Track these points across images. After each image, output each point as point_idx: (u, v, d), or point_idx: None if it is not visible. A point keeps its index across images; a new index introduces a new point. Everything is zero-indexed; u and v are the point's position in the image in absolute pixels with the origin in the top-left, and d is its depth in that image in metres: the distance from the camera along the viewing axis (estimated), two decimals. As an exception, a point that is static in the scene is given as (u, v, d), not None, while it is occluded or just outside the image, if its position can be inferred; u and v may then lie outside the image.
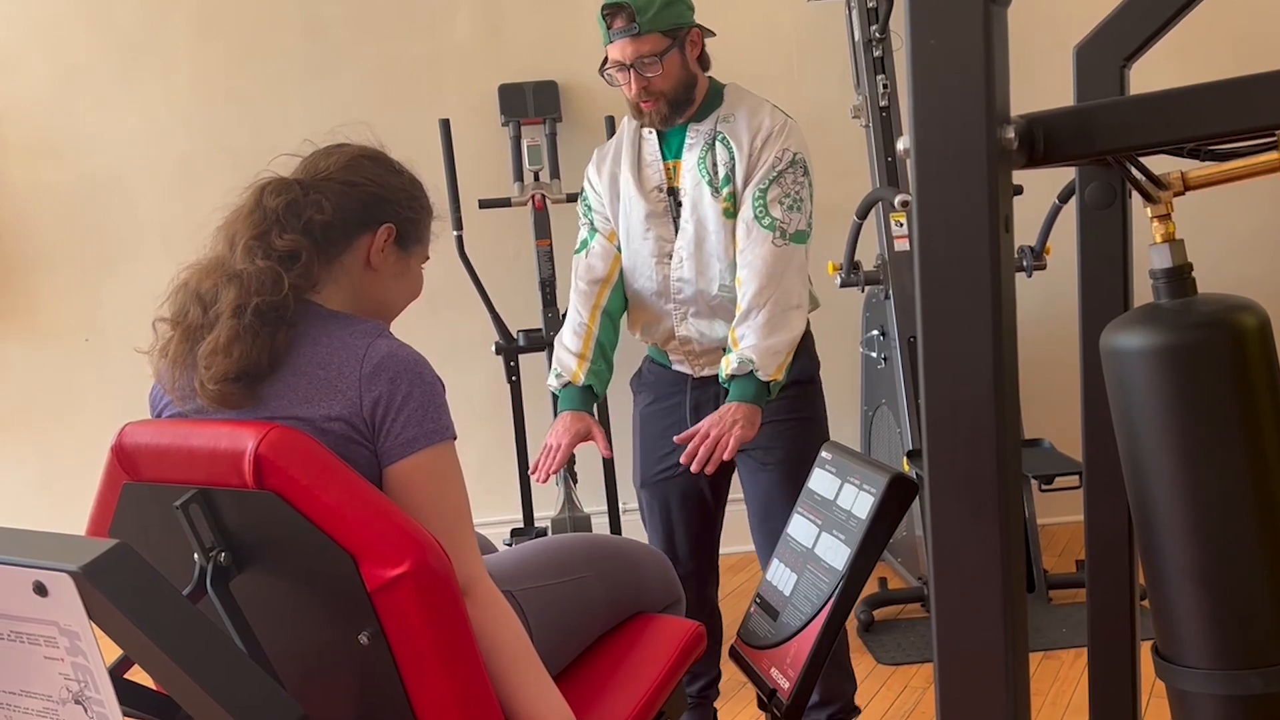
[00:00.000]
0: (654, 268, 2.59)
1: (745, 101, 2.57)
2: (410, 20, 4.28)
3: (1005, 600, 1.10)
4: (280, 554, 1.55)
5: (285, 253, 1.63)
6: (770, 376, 2.45)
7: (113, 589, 1.18)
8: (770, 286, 2.46)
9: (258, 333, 1.59)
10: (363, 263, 1.71)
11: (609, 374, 2.66)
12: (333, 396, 1.57)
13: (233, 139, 4.24)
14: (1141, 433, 1.19)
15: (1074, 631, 3.37)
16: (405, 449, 1.57)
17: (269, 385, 1.60)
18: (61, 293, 4.34)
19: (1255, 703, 1.18)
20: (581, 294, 2.65)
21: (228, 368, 1.58)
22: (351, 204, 1.70)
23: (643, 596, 2.01)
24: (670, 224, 2.58)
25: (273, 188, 1.68)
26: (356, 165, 1.73)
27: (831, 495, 1.87)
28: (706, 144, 2.54)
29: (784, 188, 2.49)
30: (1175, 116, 1.16)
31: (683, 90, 2.51)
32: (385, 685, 1.53)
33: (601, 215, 2.67)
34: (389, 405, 1.56)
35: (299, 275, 1.63)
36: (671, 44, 2.47)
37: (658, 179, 2.59)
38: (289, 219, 1.65)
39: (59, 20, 4.25)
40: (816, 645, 1.76)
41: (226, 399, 1.59)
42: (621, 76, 2.51)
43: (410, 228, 1.76)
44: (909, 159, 1.09)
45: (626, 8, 2.44)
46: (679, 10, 2.49)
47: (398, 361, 1.59)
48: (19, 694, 1.29)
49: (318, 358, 1.60)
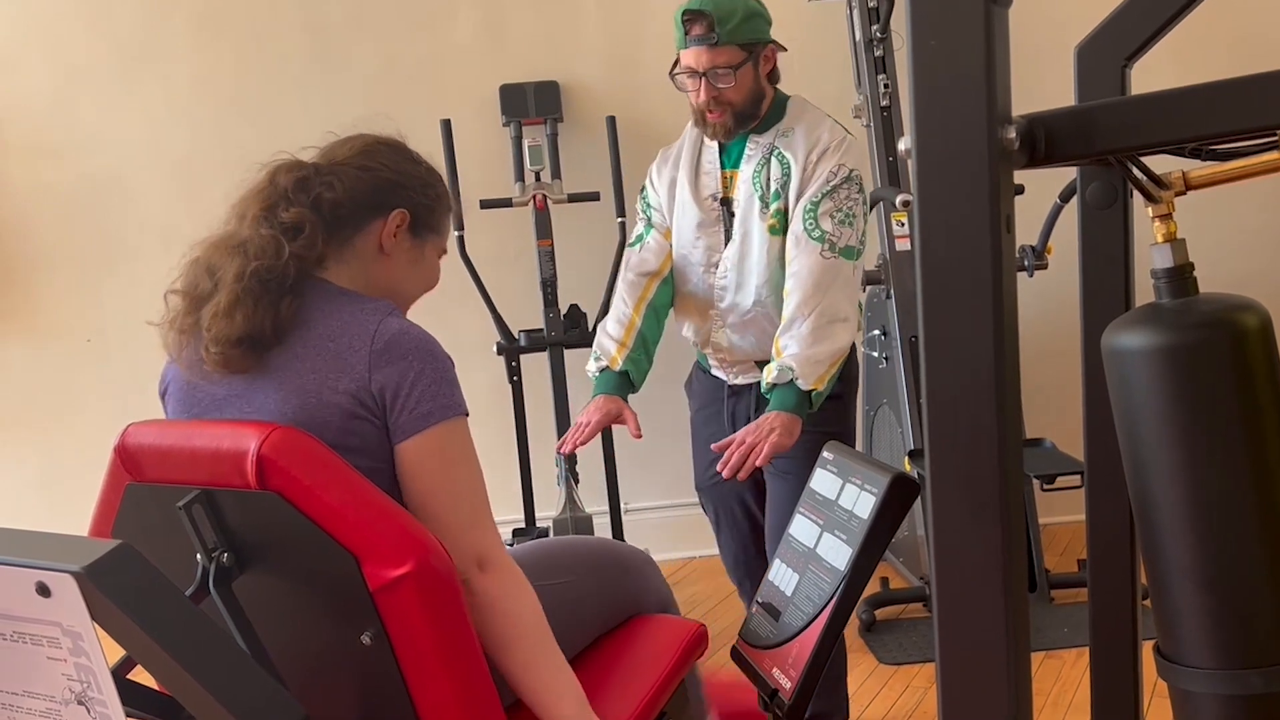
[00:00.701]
0: (701, 275, 2.63)
1: (806, 116, 2.58)
2: (411, 21, 4.28)
3: (1007, 600, 1.10)
4: (282, 554, 1.55)
5: (289, 224, 1.66)
6: (811, 386, 2.44)
7: (115, 589, 1.18)
8: (815, 297, 2.46)
9: (259, 298, 1.61)
10: (375, 247, 1.73)
11: (648, 365, 2.67)
12: (341, 369, 1.58)
13: (233, 139, 4.23)
14: (1143, 432, 1.19)
15: (1075, 631, 3.36)
16: (419, 424, 1.58)
17: (276, 355, 1.61)
18: (62, 293, 4.34)
19: (1256, 702, 1.18)
20: (630, 284, 2.67)
21: (230, 330, 1.60)
22: (364, 187, 1.72)
23: (634, 598, 2.01)
24: (720, 233, 2.61)
25: (286, 166, 1.73)
26: (372, 151, 1.76)
27: (833, 495, 1.87)
28: (763, 158, 2.55)
29: (836, 202, 2.49)
30: (1176, 116, 1.16)
31: (751, 104, 2.53)
32: (387, 685, 1.53)
33: (659, 213, 2.70)
34: (400, 382, 1.58)
35: (302, 246, 1.65)
36: (747, 58, 2.48)
37: (713, 187, 2.61)
38: (297, 194, 1.68)
39: (59, 20, 4.25)
40: (818, 645, 1.76)
41: (230, 362, 1.61)
42: (691, 83, 2.51)
43: (425, 215, 1.77)
44: (910, 159, 1.09)
45: (708, 16, 2.44)
46: (758, 25, 2.50)
47: (409, 339, 1.60)
48: (21, 694, 1.29)
49: (328, 331, 1.61)
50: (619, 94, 4.21)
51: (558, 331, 4.00)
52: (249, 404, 1.63)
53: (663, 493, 4.34)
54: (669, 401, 2.96)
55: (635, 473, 4.19)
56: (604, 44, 4.31)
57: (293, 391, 1.59)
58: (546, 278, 4.01)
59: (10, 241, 4.31)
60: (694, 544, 4.29)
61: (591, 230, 4.19)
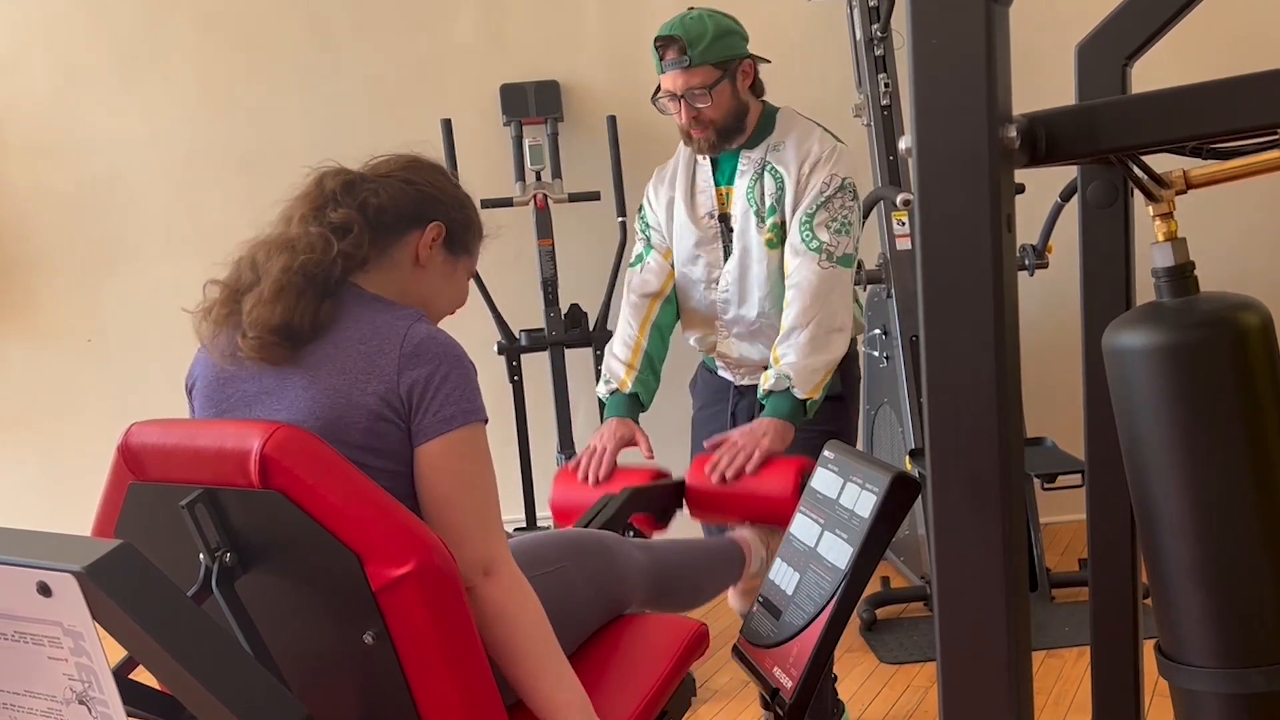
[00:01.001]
0: (703, 291, 2.67)
1: (796, 127, 2.60)
2: (411, 21, 4.28)
3: (1008, 599, 1.10)
4: (285, 554, 1.55)
5: (338, 223, 1.70)
6: (806, 395, 2.47)
7: (116, 589, 1.18)
8: (814, 307, 2.49)
9: (303, 291, 1.64)
10: (411, 258, 1.77)
11: (655, 384, 2.71)
12: (371, 371, 1.61)
13: (234, 140, 4.24)
14: (1144, 431, 1.19)
15: (1077, 630, 3.37)
16: (442, 427, 1.60)
17: (309, 354, 1.64)
18: (63, 293, 4.34)
19: (1258, 701, 1.18)
20: (634, 306, 2.71)
21: (270, 317, 1.63)
22: (406, 199, 1.77)
23: (624, 587, 2.01)
24: (719, 250, 2.64)
25: (333, 172, 1.77)
26: (415, 167, 1.82)
27: (834, 494, 1.87)
28: (756, 173, 2.58)
29: (831, 212, 2.52)
30: (1177, 115, 1.16)
31: (732, 120, 2.55)
32: (390, 685, 1.53)
33: (659, 233, 2.73)
34: (428, 384, 1.60)
35: (351, 244, 1.69)
36: (722, 76, 2.50)
37: (709, 205, 2.64)
38: (344, 196, 1.73)
39: (60, 22, 4.25)
40: (819, 644, 1.76)
41: (265, 350, 1.63)
42: (673, 106, 2.55)
43: (460, 232, 1.82)
44: (911, 159, 1.09)
45: (678, 40, 2.48)
46: (731, 42, 2.52)
47: (437, 344, 1.64)
48: (23, 694, 1.29)
49: (359, 334, 1.64)
50: (619, 93, 4.21)
51: (558, 331, 4.00)
52: (279, 400, 1.64)
53: (664, 492, 4.33)
54: (670, 400, 2.96)
55: (636, 472, 4.18)
56: (604, 43, 4.31)
57: (323, 391, 1.61)
58: (547, 277, 4.02)
59: (11, 242, 4.31)
60: (695, 543, 4.28)
61: (592, 230, 4.20)
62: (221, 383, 1.71)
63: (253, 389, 1.67)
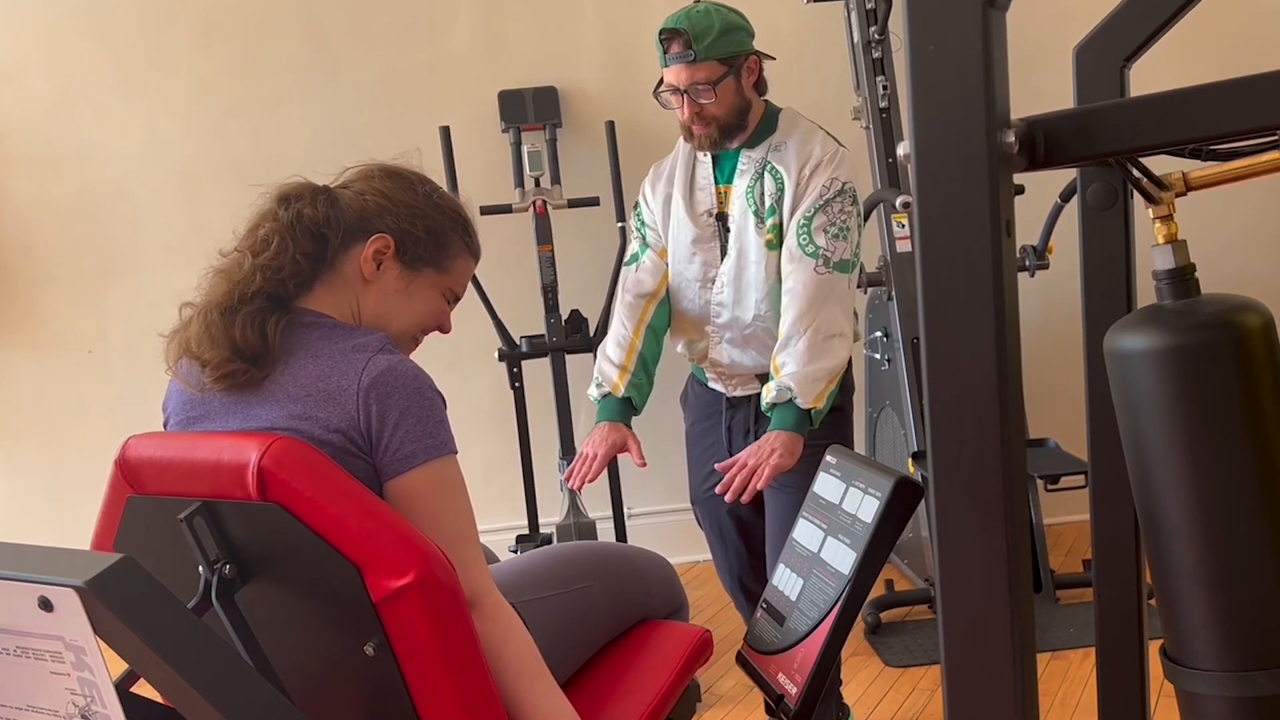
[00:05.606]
0: (697, 291, 2.62)
1: (798, 129, 2.57)
2: (410, 28, 4.28)
3: (1012, 601, 1.10)
4: (285, 566, 1.55)
5: (261, 239, 1.66)
6: (810, 404, 2.43)
7: (118, 603, 1.18)
8: (810, 313, 2.45)
9: (230, 319, 1.61)
10: (358, 273, 1.70)
11: (649, 387, 2.66)
12: (331, 408, 1.57)
13: (234, 149, 4.24)
14: (1146, 433, 1.19)
15: (1081, 631, 3.36)
16: (404, 464, 1.56)
17: (271, 381, 1.61)
18: (64, 305, 4.35)
19: (1264, 704, 1.18)
20: (628, 306, 2.67)
21: (214, 355, 1.60)
22: (350, 211, 1.69)
23: (647, 603, 2.00)
24: (716, 249, 2.60)
25: (284, 189, 1.71)
26: (370, 176, 1.74)
27: (837, 499, 1.86)
28: (756, 173, 2.54)
29: (830, 216, 2.49)
30: (1176, 117, 1.16)
31: (736, 116, 2.52)
32: (391, 696, 1.52)
33: (654, 232, 2.68)
34: (384, 420, 1.56)
35: (269, 259, 1.64)
36: (727, 72, 2.47)
37: (708, 203, 2.60)
38: (279, 211, 1.67)
39: (59, 31, 4.25)
40: (824, 650, 1.76)
41: (225, 378, 1.61)
42: (675, 100, 2.52)
43: (411, 244, 1.72)
44: (910, 165, 1.09)
45: (684, 33, 2.45)
46: (737, 38, 2.49)
47: (396, 376, 1.57)
48: (25, 709, 1.29)
49: (319, 371, 1.60)
50: (618, 99, 4.22)
51: (559, 337, 4.00)
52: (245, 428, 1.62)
53: (666, 497, 4.33)
54: (673, 405, 2.96)
55: (638, 478, 4.17)
56: (602, 49, 4.32)
57: (288, 432, 1.57)
58: (547, 283, 4.02)
59: (12, 253, 4.31)
60: (698, 549, 4.25)
61: (591, 235, 4.20)
62: (189, 421, 1.69)
63: (218, 426, 1.65)
